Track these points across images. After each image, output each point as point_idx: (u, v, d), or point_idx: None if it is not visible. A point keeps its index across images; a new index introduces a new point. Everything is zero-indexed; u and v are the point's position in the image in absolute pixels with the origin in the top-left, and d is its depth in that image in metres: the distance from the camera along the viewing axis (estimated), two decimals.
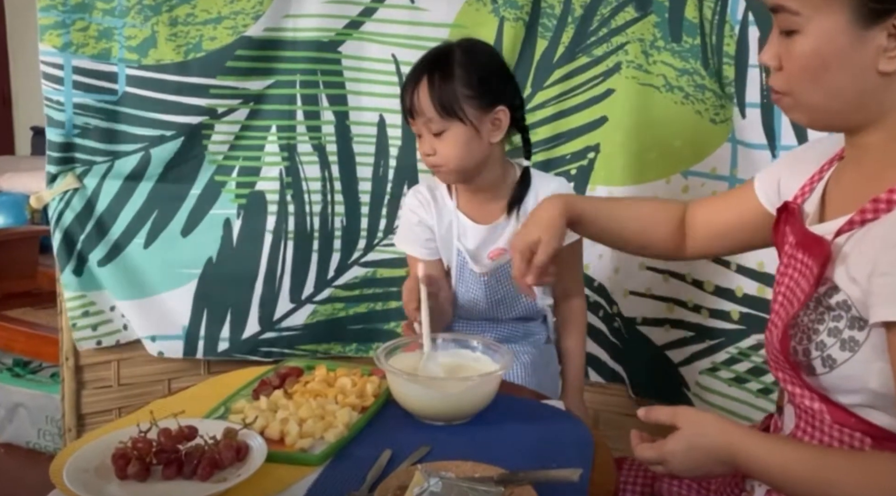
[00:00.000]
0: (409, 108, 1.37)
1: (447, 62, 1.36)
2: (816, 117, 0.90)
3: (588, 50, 1.88)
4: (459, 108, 1.34)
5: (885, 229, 0.82)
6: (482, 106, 1.36)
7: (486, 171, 1.42)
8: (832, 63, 0.83)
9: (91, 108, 1.82)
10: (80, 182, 1.86)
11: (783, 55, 0.87)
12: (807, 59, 0.84)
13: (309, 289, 2.01)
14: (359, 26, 1.92)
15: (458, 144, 1.36)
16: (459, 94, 1.34)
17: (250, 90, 1.90)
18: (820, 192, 0.97)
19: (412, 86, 1.36)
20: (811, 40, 0.84)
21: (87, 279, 1.90)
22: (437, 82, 1.34)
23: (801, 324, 0.91)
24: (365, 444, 1.03)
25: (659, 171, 1.84)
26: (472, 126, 1.35)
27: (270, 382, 1.20)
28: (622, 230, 1.23)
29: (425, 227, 1.48)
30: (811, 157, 1.03)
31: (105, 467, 0.91)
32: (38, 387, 2.43)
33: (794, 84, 0.87)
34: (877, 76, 0.83)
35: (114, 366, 1.99)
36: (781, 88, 0.89)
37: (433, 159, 1.38)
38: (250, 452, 0.94)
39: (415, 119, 1.38)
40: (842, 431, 0.88)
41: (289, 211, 1.97)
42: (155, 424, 0.95)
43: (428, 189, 1.50)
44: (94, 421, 1.98)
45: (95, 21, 1.80)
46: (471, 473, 0.90)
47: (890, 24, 0.80)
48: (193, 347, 1.97)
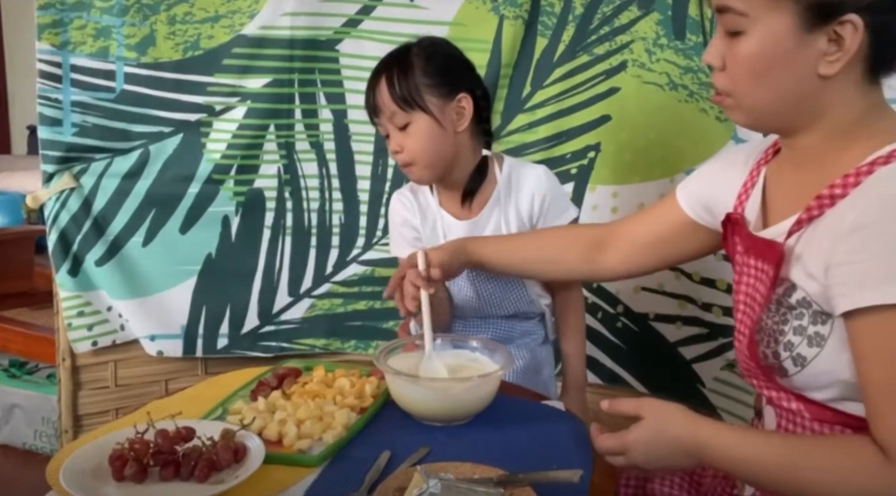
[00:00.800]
0: (372, 107, 1.38)
1: (405, 57, 1.37)
2: (756, 118, 0.92)
3: (589, 48, 1.88)
4: (420, 97, 1.34)
5: (832, 221, 0.84)
6: (443, 94, 1.36)
7: (459, 166, 1.42)
8: (776, 65, 0.86)
9: (89, 106, 1.83)
10: (76, 181, 1.86)
11: (727, 55, 0.89)
12: (751, 60, 0.86)
13: (307, 284, 2.03)
14: (357, 24, 1.92)
15: (423, 136, 1.36)
16: (419, 83, 1.34)
17: (248, 88, 1.90)
18: (758, 196, 0.99)
19: (372, 86, 1.37)
20: (756, 42, 0.86)
21: (83, 279, 1.91)
22: (396, 76, 1.35)
23: (766, 328, 0.92)
24: (363, 446, 1.03)
25: (663, 169, 1.84)
26: (435, 116, 1.36)
27: (268, 383, 1.20)
28: (525, 261, 1.32)
29: (410, 227, 1.48)
30: (739, 161, 1.05)
31: (102, 469, 0.91)
32: (35, 388, 2.43)
33: (737, 84, 0.89)
34: (816, 79, 0.85)
35: (111, 367, 2.00)
36: (724, 88, 0.91)
37: (402, 156, 1.38)
38: (248, 454, 0.94)
39: (378, 118, 1.38)
40: (822, 426, 0.89)
41: (287, 208, 1.99)
42: (152, 425, 0.95)
43: (410, 191, 1.50)
44: (90, 422, 1.98)
45: (93, 19, 1.80)
46: (470, 474, 0.90)
47: (831, 30, 0.82)
48: (193, 345, 1.98)
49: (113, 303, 1.93)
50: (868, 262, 0.80)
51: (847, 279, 0.81)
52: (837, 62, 0.83)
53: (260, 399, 1.12)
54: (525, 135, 1.93)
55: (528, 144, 1.93)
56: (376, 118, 1.39)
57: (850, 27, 0.81)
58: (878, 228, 0.80)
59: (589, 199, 1.91)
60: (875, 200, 0.81)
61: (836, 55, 0.83)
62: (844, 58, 0.83)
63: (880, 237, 0.79)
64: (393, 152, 1.39)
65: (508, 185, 1.44)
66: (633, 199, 1.88)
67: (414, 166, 1.38)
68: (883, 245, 0.79)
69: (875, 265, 0.79)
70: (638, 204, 1.87)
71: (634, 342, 1.93)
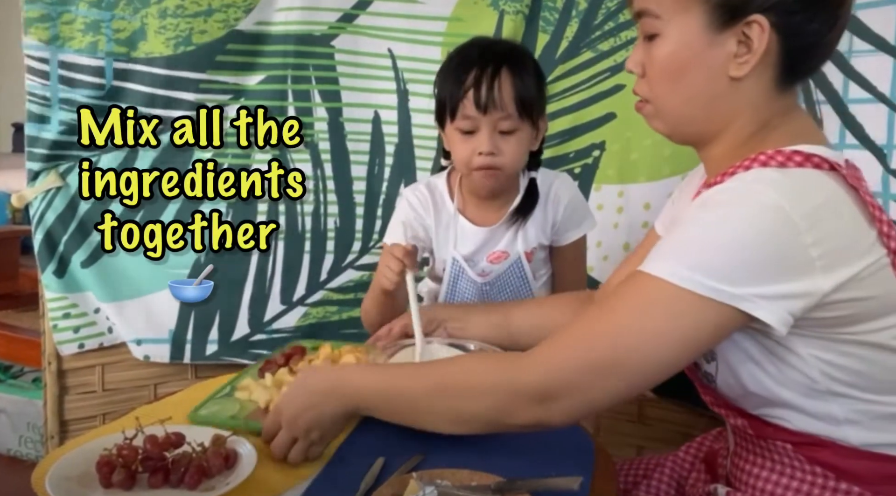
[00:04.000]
0: (484, 102, 1.31)
1: (523, 59, 1.35)
2: (674, 125, 0.94)
3: (593, 45, 1.89)
4: (534, 108, 1.34)
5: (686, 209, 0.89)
6: (538, 112, 1.37)
7: (512, 182, 1.44)
8: (688, 66, 0.88)
9: (77, 103, 1.83)
10: (62, 180, 1.86)
11: (646, 61, 0.92)
12: (665, 62, 0.89)
13: (300, 292, 2.02)
14: (353, 19, 1.93)
15: (522, 146, 1.36)
16: (535, 94, 1.34)
17: (241, 85, 1.91)
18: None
19: (490, 77, 1.31)
20: (669, 43, 0.88)
21: (70, 280, 1.91)
22: (524, 79, 1.33)
23: None
24: (357, 452, 1.04)
25: (673, 167, 1.85)
26: (536, 130, 1.37)
27: (276, 361, 1.24)
28: (518, 333, 1.28)
29: (420, 225, 1.47)
30: (695, 182, 1.08)
31: (89, 475, 0.91)
32: (20, 392, 2.43)
33: (654, 88, 0.92)
34: (727, 81, 0.87)
35: (98, 371, 2.00)
36: (644, 95, 0.94)
37: (495, 159, 1.34)
38: (239, 460, 0.95)
39: (487, 113, 1.31)
40: (768, 443, 0.92)
41: (279, 210, 1.98)
42: (141, 431, 0.95)
43: (427, 188, 1.49)
44: (77, 427, 1.99)
45: (81, 14, 1.80)
46: (467, 482, 0.91)
47: (739, 30, 0.84)
48: (181, 351, 1.98)
49: (100, 305, 1.94)
50: (661, 243, 0.85)
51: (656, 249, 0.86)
52: (746, 64, 0.85)
53: (267, 375, 1.17)
54: None
55: None
56: (482, 113, 1.32)
57: (756, 28, 0.83)
58: (686, 217, 0.84)
59: (594, 198, 1.92)
60: (700, 197, 0.85)
61: (745, 57, 0.85)
62: (753, 59, 0.85)
63: (682, 225, 0.84)
64: (486, 153, 1.33)
65: (531, 196, 1.45)
66: (640, 199, 1.88)
67: (501, 172, 1.36)
68: (679, 230, 0.84)
69: (662, 244, 0.85)
70: (644, 204, 1.88)
71: None
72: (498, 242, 1.45)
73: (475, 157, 1.34)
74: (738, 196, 0.80)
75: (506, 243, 1.45)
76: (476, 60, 1.33)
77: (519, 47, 1.42)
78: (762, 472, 0.93)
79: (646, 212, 1.89)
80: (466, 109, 1.32)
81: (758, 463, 0.94)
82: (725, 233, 0.79)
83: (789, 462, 0.90)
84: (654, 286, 0.81)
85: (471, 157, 1.35)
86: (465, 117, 1.33)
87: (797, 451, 0.89)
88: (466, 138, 1.35)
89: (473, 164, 1.35)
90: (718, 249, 0.78)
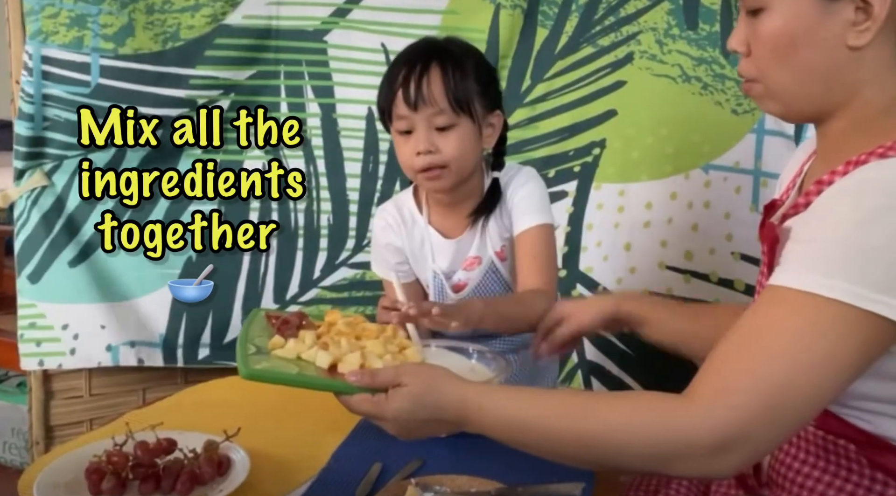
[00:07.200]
0: (413, 98, 1.30)
1: (457, 55, 1.34)
2: (787, 103, 0.90)
3: (594, 40, 1.89)
4: (473, 102, 1.33)
5: (818, 202, 0.83)
6: (485, 105, 1.36)
7: (470, 181, 1.41)
8: (801, 40, 0.84)
9: (62, 99, 1.82)
10: (48, 179, 1.86)
11: (751, 38, 0.88)
12: (775, 37, 0.85)
13: (294, 290, 2.03)
14: (346, 14, 1.93)
15: (463, 142, 1.33)
16: (472, 88, 1.33)
17: (231, 81, 1.91)
18: (797, 187, 0.99)
19: (419, 76, 1.30)
20: (778, 16, 0.84)
21: (43, 287, 1.88)
22: (453, 73, 1.31)
23: None
24: (354, 458, 1.04)
25: (677, 165, 1.85)
26: (478, 126, 1.35)
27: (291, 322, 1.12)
28: (694, 337, 1.17)
29: (395, 249, 1.46)
30: (799, 155, 1.05)
31: (78, 482, 0.92)
32: (4, 397, 2.42)
33: (763, 67, 0.88)
34: (846, 52, 0.83)
35: (84, 376, 2.00)
36: (751, 75, 0.90)
37: (433, 158, 1.32)
38: (232, 466, 0.95)
39: (417, 110, 1.31)
40: (827, 441, 0.87)
41: (271, 207, 1.98)
42: (131, 437, 0.95)
43: (395, 207, 1.48)
44: (63, 433, 1.98)
45: (67, 7, 1.80)
46: (466, 488, 0.91)
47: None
48: (173, 355, 1.98)
49: (90, 307, 1.91)
50: (793, 246, 0.81)
51: (787, 257, 0.81)
52: (868, 31, 0.81)
53: (302, 333, 1.05)
54: (525, 130, 1.94)
55: (529, 141, 1.94)
56: (413, 111, 1.31)
57: None
58: (815, 215, 0.80)
59: (594, 197, 1.92)
60: (834, 188, 0.80)
61: (865, 24, 0.80)
62: (874, 26, 0.80)
63: (812, 224, 0.80)
64: (423, 152, 1.32)
65: (494, 196, 1.43)
66: (641, 198, 1.89)
67: (446, 171, 1.34)
68: (808, 233, 0.79)
69: (793, 250, 0.80)
70: (646, 203, 1.88)
71: (642, 348, 1.94)
72: (468, 249, 1.44)
73: (415, 158, 1.33)
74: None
75: (476, 248, 1.44)
76: (406, 60, 1.34)
77: (457, 42, 1.38)
78: (813, 472, 0.88)
79: (647, 211, 1.89)
80: (399, 109, 1.32)
81: (809, 461, 0.89)
82: (888, 234, 0.73)
83: (846, 464, 0.86)
84: (807, 304, 0.75)
85: (412, 159, 1.34)
86: (399, 117, 1.33)
87: (860, 453, 0.85)
88: (406, 139, 1.34)
89: (416, 166, 1.34)
90: (879, 255, 0.73)
